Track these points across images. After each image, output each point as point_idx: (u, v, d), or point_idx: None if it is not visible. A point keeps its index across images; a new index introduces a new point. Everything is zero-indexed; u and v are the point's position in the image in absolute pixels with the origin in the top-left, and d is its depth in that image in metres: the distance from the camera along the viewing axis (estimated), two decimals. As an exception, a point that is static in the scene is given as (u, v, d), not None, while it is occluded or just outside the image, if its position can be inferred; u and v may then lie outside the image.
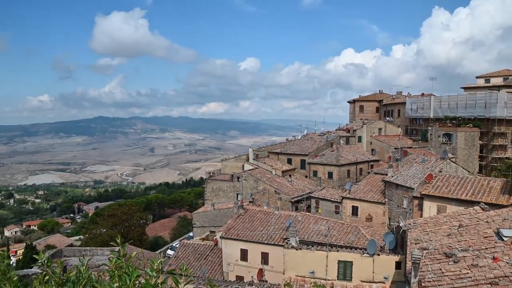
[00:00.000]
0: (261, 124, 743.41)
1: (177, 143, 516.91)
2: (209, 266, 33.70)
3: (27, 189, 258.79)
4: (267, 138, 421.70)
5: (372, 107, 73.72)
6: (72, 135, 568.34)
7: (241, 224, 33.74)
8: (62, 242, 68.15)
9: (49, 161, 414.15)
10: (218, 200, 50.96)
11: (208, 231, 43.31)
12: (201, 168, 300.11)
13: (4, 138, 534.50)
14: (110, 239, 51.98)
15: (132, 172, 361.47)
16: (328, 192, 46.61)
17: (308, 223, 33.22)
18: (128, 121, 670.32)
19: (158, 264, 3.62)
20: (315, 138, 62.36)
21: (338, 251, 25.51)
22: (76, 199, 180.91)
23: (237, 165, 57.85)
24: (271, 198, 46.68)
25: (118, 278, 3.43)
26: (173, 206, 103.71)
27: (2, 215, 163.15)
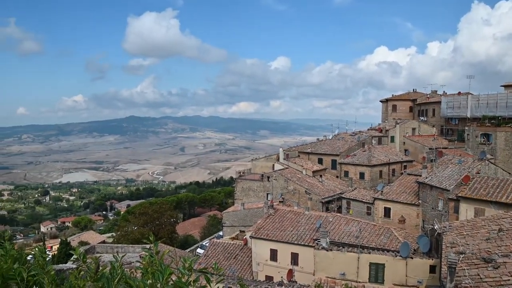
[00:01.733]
0: (291, 124, 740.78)
1: (207, 143, 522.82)
2: (238, 266, 33.81)
3: (62, 187, 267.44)
4: (297, 138, 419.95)
5: (405, 107, 71.90)
6: (105, 135, 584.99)
7: (271, 224, 33.66)
8: (94, 238, 70.23)
9: (83, 159, 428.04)
10: (248, 200, 51.06)
11: (238, 231, 43.48)
12: (231, 167, 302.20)
13: (41, 137, 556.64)
14: (141, 237, 53.27)
15: (163, 171, 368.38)
16: (360, 193, 45.80)
17: (339, 224, 32.76)
18: (159, 121, 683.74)
19: (190, 262, 3.59)
20: (347, 138, 61.48)
21: (370, 253, 25.00)
22: (109, 197, 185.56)
23: (267, 164, 57.80)
24: (301, 198, 46.35)
25: (151, 275, 3.42)
26: (203, 205, 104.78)
27: (38, 212, 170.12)
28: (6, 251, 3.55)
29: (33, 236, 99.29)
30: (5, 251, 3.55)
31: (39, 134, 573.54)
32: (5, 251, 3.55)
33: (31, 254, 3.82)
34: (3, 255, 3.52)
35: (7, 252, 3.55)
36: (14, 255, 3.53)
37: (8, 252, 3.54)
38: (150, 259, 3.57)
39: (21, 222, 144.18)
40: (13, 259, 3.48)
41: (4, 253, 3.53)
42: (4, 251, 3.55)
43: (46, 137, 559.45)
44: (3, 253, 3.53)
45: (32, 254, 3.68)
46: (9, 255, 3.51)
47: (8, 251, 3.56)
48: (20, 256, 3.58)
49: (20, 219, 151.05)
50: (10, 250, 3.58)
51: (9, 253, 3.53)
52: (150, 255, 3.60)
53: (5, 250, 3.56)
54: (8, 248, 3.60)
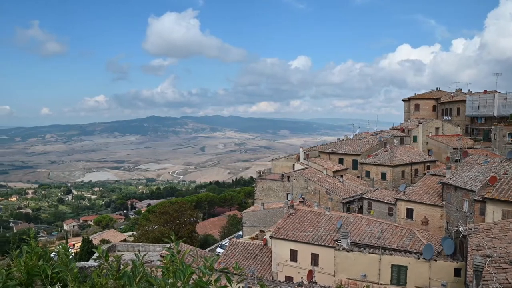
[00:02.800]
0: (312, 124, 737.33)
1: (228, 142, 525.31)
2: (258, 266, 33.78)
3: (84, 186, 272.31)
4: (318, 138, 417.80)
5: (428, 106, 70.48)
6: (126, 134, 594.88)
7: (291, 224, 33.51)
8: (116, 237, 71.42)
9: (105, 159, 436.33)
10: (268, 200, 50.99)
11: (257, 231, 43.45)
12: (251, 167, 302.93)
13: (64, 137, 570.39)
14: (162, 236, 53.90)
15: (183, 171, 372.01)
16: (381, 193, 45.14)
17: (360, 225, 32.34)
18: (179, 121, 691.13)
19: (212, 261, 3.58)
20: (368, 137, 60.71)
21: (392, 254, 24.58)
22: (130, 196, 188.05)
23: (287, 164, 57.61)
24: (321, 199, 46.01)
25: (172, 274, 3.42)
26: (223, 204, 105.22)
27: (61, 210, 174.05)
28: (32, 248, 3.62)
29: (56, 234, 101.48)
30: (30, 248, 3.62)
31: (62, 134, 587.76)
32: (30, 248, 3.62)
33: (55, 252, 3.89)
34: (28, 252, 3.59)
35: (32, 249, 3.61)
36: (39, 252, 3.59)
37: (33, 249, 3.60)
38: (172, 258, 3.57)
39: (45, 220, 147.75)
40: (38, 256, 3.55)
41: (30, 250, 3.60)
42: (30, 248, 3.62)
43: (68, 137, 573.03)
44: (28, 250, 3.60)
45: (56, 252, 3.73)
46: (34, 252, 3.58)
47: (33, 248, 3.62)
48: (45, 253, 3.64)
49: (44, 217, 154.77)
50: (35, 247, 3.64)
51: (34, 250, 3.60)
52: (171, 254, 3.60)
53: (30, 248, 3.63)
54: (33, 245, 3.67)
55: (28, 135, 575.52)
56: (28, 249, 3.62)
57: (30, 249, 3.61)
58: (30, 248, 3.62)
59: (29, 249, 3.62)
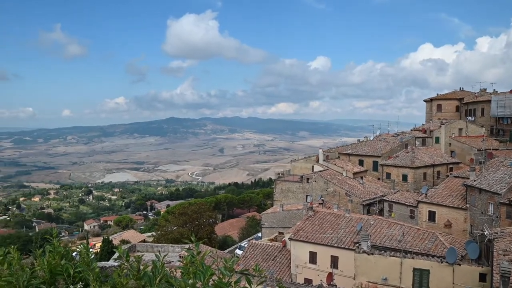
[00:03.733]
0: (331, 125, 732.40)
1: (246, 144, 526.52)
2: (277, 268, 33.67)
3: (104, 187, 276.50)
4: (337, 139, 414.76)
5: (451, 106, 69.00)
6: (145, 136, 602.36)
7: (311, 226, 33.29)
8: (135, 237, 72.32)
9: (124, 160, 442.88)
10: (287, 201, 50.82)
11: (276, 232, 43.34)
12: (270, 168, 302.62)
13: (84, 138, 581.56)
14: (181, 237, 54.28)
15: (202, 172, 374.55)
16: (403, 196, 44.39)
17: (381, 228, 31.85)
18: (198, 122, 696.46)
19: (232, 263, 3.56)
20: (389, 139, 59.84)
21: (414, 258, 24.13)
22: (149, 197, 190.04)
23: (306, 166, 57.30)
24: (341, 201, 45.57)
25: (192, 275, 3.41)
26: (242, 206, 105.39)
27: (82, 210, 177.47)
28: (54, 247, 3.67)
29: (77, 234, 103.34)
30: (53, 247, 3.67)
31: (83, 135, 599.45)
32: (53, 247, 3.67)
33: (77, 252, 3.94)
34: (51, 252, 3.64)
35: (55, 248, 3.66)
36: (62, 252, 3.64)
37: (56, 249, 3.65)
38: (192, 259, 3.56)
39: (66, 220, 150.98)
40: (60, 255, 3.60)
41: (53, 250, 3.65)
42: (53, 248, 3.67)
43: (89, 138, 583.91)
44: (51, 250, 3.66)
45: (78, 251, 3.78)
46: (57, 251, 3.62)
47: (56, 248, 3.67)
48: (67, 252, 3.69)
49: (65, 217, 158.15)
50: (58, 247, 3.69)
51: (57, 250, 3.65)
52: (191, 255, 3.59)
53: (53, 247, 3.68)
54: (56, 245, 3.72)
55: (50, 136, 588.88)
56: (51, 248, 3.68)
57: (53, 249, 3.66)
58: (53, 248, 3.68)
59: (52, 248, 3.68)
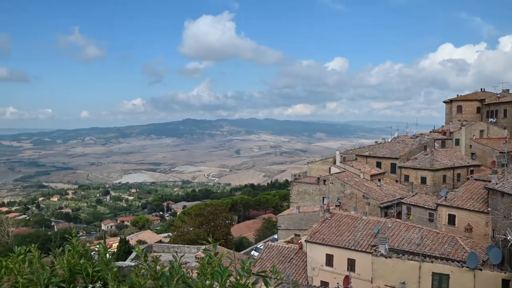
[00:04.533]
0: (348, 126, 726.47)
1: (263, 145, 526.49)
2: (293, 270, 33.51)
3: (121, 187, 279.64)
4: (354, 141, 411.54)
5: (472, 107, 67.57)
6: (162, 137, 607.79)
7: (327, 228, 33.04)
8: (152, 238, 72.84)
9: (141, 161, 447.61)
10: (304, 203, 50.57)
11: (292, 234, 43.19)
12: (287, 170, 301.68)
13: (102, 139, 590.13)
14: (197, 238, 54.46)
15: (218, 173, 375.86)
16: (421, 198, 43.67)
17: (399, 231, 31.40)
18: (215, 123, 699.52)
19: (249, 264, 3.54)
20: (407, 140, 58.99)
21: (433, 262, 23.69)
22: (165, 197, 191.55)
23: (323, 168, 56.93)
24: (358, 203, 45.11)
25: (210, 276, 3.41)
26: (258, 207, 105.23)
27: (99, 211, 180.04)
28: (74, 247, 3.72)
29: (95, 234, 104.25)
30: (72, 247, 3.72)
31: (101, 136, 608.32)
32: (72, 247, 3.72)
33: (95, 251, 3.98)
34: (70, 251, 3.69)
35: (74, 248, 3.71)
36: (81, 251, 3.69)
37: (75, 248, 3.70)
38: (209, 260, 3.56)
39: (84, 220, 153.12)
40: (79, 254, 3.64)
41: (72, 249, 3.70)
42: (72, 247, 3.72)
43: (107, 139, 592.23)
44: (70, 249, 3.70)
45: (96, 251, 3.82)
46: (76, 250, 3.67)
47: (75, 247, 3.72)
48: (86, 252, 3.73)
49: (83, 217, 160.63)
50: (77, 246, 3.74)
51: (76, 249, 3.69)
52: (209, 256, 3.59)
53: (72, 246, 3.73)
54: (75, 244, 3.76)
55: (69, 137, 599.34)
56: (71, 247, 3.73)
57: (72, 248, 3.71)
58: (72, 247, 3.72)
59: (71, 247, 3.72)
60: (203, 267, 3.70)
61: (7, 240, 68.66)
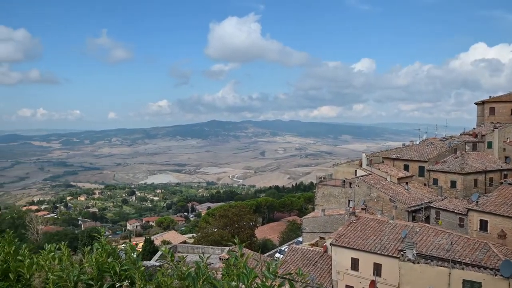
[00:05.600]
0: (375, 128, 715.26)
1: (288, 147, 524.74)
2: (317, 273, 33.19)
3: (147, 188, 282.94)
4: (381, 143, 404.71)
5: (506, 109, 65.18)
6: (187, 138, 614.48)
7: (353, 232, 32.57)
8: (176, 238, 73.69)
9: (167, 162, 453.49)
10: (329, 206, 50.09)
11: (317, 237, 42.80)
12: (312, 172, 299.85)
13: (128, 140, 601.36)
14: (221, 239, 54.70)
15: (243, 175, 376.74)
16: (451, 203, 42.46)
17: (427, 235, 30.58)
18: (240, 125, 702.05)
19: (275, 266, 3.51)
20: (436, 143, 57.55)
21: (463, 269, 22.96)
22: (190, 198, 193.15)
23: (349, 170, 56.22)
24: (385, 206, 44.28)
25: (236, 277, 3.38)
26: (283, 209, 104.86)
27: (125, 211, 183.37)
28: (102, 245, 3.77)
29: (120, 233, 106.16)
30: (101, 245, 3.77)
31: (127, 137, 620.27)
32: (101, 245, 3.77)
33: (121, 250, 4.03)
34: (98, 249, 3.74)
35: (102, 246, 3.76)
36: (108, 250, 3.73)
37: (104, 247, 3.75)
38: (236, 261, 3.54)
39: (110, 220, 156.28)
40: (107, 253, 3.69)
41: (100, 248, 3.75)
42: (100, 246, 3.77)
43: (133, 140, 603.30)
44: (99, 247, 3.76)
45: (123, 250, 3.86)
46: (104, 249, 3.72)
47: (104, 245, 3.77)
48: (113, 251, 3.77)
49: (109, 217, 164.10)
50: (105, 245, 3.79)
51: (105, 248, 3.74)
52: (235, 257, 3.56)
53: (101, 245, 3.78)
54: (104, 243, 3.82)
55: (96, 138, 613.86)
56: (99, 246, 3.78)
57: (101, 247, 3.76)
58: (101, 246, 3.78)
59: (99, 246, 3.78)
60: (228, 268, 3.69)
61: (37, 237, 70.97)
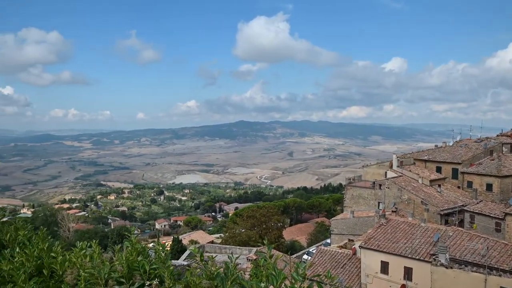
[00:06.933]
0: (406, 129, 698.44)
1: (316, 148, 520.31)
2: (346, 276, 32.72)
3: (175, 187, 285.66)
4: (412, 144, 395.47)
5: (545, 109, 62.39)
6: (215, 139, 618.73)
7: (383, 234, 31.92)
8: (204, 238, 74.19)
9: (195, 162, 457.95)
10: (358, 208, 49.30)
11: (346, 239, 42.21)
12: (340, 173, 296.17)
13: (157, 140, 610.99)
14: (248, 240, 54.68)
15: (271, 176, 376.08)
16: (487, 207, 40.91)
17: (461, 240, 29.58)
18: (268, 125, 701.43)
19: (304, 268, 3.46)
20: (471, 144, 55.63)
21: (501, 275, 22.04)
22: (218, 199, 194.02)
23: (379, 172, 55.16)
24: (416, 209, 43.17)
25: (265, 278, 3.35)
26: (311, 211, 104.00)
27: (154, 210, 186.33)
28: (132, 244, 3.81)
29: (149, 232, 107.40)
30: (131, 244, 3.82)
31: (156, 137, 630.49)
32: (131, 244, 3.82)
33: (151, 249, 4.07)
34: (129, 248, 3.78)
35: (133, 245, 3.80)
36: (138, 249, 3.77)
37: (134, 245, 3.79)
38: (264, 262, 3.50)
39: (139, 219, 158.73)
40: (137, 252, 3.73)
41: (130, 246, 3.79)
42: (130, 244, 3.82)
43: (162, 140, 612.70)
44: (129, 246, 3.80)
45: (153, 249, 3.90)
46: (134, 248, 3.76)
47: (134, 244, 3.81)
48: (143, 249, 3.81)
49: (138, 216, 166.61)
50: (135, 243, 3.83)
51: (135, 246, 3.78)
52: (264, 258, 3.53)
53: (131, 243, 3.82)
54: (134, 241, 3.86)
55: (126, 138, 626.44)
56: (129, 244, 3.82)
57: (131, 245, 3.81)
58: (131, 244, 3.82)
59: (129, 245, 3.82)
60: (257, 269, 3.65)
61: (68, 235, 73.34)
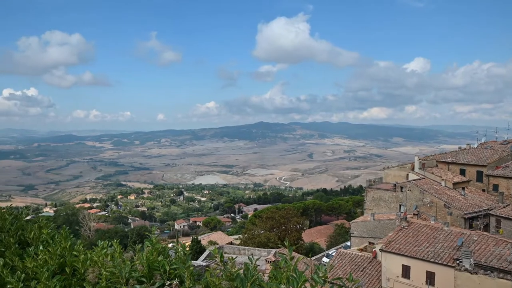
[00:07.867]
0: (428, 131, 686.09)
1: (336, 149, 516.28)
2: (366, 279, 32.25)
3: (194, 188, 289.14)
4: (435, 146, 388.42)
5: None
6: (235, 140, 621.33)
7: (404, 238, 31.35)
8: (223, 239, 74.45)
9: (214, 163, 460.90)
10: (379, 210, 48.61)
11: (366, 242, 41.61)
12: (361, 175, 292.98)
13: (177, 141, 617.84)
14: (267, 241, 54.55)
15: (290, 177, 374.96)
16: (513, 211, 39.69)
17: (486, 245, 28.76)
18: (287, 127, 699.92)
19: (325, 271, 3.41)
20: (496, 147, 54.15)
21: (528, 282, 21.32)
22: (237, 200, 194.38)
23: (400, 174, 54.28)
24: (439, 212, 42.26)
25: (285, 280, 3.31)
26: (330, 213, 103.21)
27: (173, 210, 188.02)
28: (152, 244, 3.83)
29: (168, 233, 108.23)
30: (151, 244, 3.84)
31: (176, 138, 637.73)
32: (151, 244, 3.84)
33: (171, 249, 4.08)
34: (149, 247, 3.81)
35: (153, 245, 3.83)
36: (159, 249, 3.79)
37: (154, 245, 3.81)
38: (285, 263, 3.46)
39: (158, 219, 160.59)
40: (158, 252, 3.75)
41: (151, 246, 3.82)
42: (151, 244, 3.84)
43: (181, 141, 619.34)
44: (149, 246, 3.83)
45: (173, 249, 3.91)
46: (155, 248, 3.78)
47: (154, 244, 3.83)
48: (163, 249, 3.82)
49: (158, 216, 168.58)
50: (156, 243, 3.85)
51: (155, 246, 3.80)
52: (284, 260, 3.49)
53: (151, 243, 3.85)
54: (155, 241, 3.88)
55: (146, 139, 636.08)
56: (149, 244, 3.85)
57: (151, 245, 3.83)
58: (151, 244, 3.84)
59: (150, 244, 3.84)
60: (277, 271, 3.62)
61: (89, 234, 74.73)
